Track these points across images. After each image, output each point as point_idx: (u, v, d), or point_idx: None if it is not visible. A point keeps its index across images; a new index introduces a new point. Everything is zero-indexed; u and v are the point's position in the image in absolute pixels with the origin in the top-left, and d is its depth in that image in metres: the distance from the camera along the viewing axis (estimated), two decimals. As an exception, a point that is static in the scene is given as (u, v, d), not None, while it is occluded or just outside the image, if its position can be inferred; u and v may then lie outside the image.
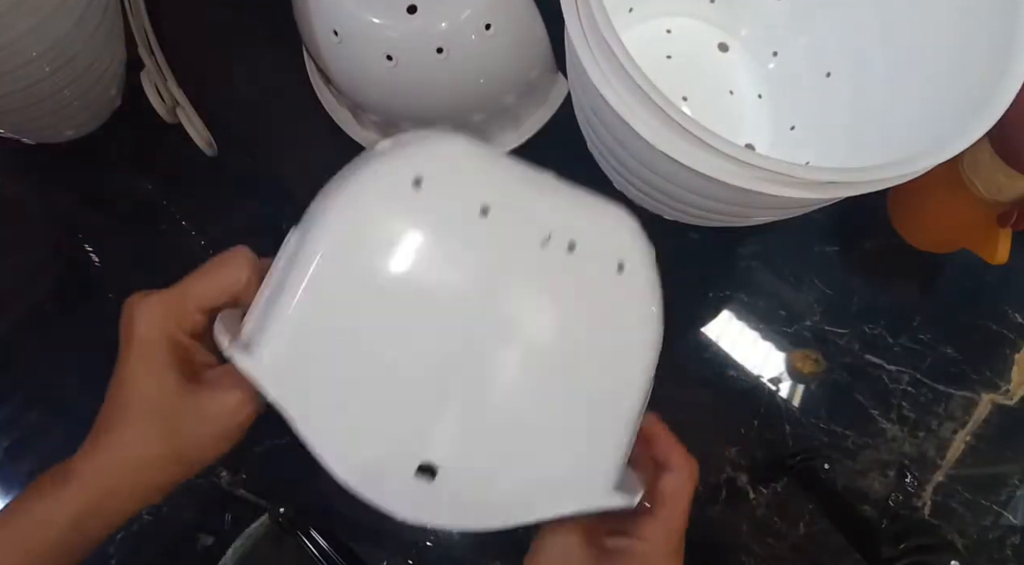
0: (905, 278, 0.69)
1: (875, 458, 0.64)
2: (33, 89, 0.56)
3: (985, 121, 0.42)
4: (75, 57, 0.56)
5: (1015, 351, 0.66)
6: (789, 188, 0.42)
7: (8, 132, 0.63)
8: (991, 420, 0.65)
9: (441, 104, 0.58)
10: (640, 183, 0.51)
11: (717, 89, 0.68)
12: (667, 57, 0.68)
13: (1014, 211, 0.55)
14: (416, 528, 0.61)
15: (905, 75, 0.54)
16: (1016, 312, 0.67)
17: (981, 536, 0.63)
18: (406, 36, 0.53)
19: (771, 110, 0.67)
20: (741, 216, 0.51)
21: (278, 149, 0.65)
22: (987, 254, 0.59)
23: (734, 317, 0.67)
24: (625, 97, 0.43)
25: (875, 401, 0.65)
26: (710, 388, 0.65)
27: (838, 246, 0.68)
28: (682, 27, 0.69)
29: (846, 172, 0.41)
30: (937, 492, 0.64)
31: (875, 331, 0.66)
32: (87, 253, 0.65)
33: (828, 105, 0.62)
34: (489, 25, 0.53)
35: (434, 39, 0.53)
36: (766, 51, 0.68)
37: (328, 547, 0.58)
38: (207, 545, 0.61)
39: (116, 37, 0.63)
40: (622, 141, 0.47)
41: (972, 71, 0.46)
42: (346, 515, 0.62)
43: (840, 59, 0.61)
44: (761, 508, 0.63)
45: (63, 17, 0.53)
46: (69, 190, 0.67)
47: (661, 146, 0.42)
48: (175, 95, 0.67)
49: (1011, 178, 0.54)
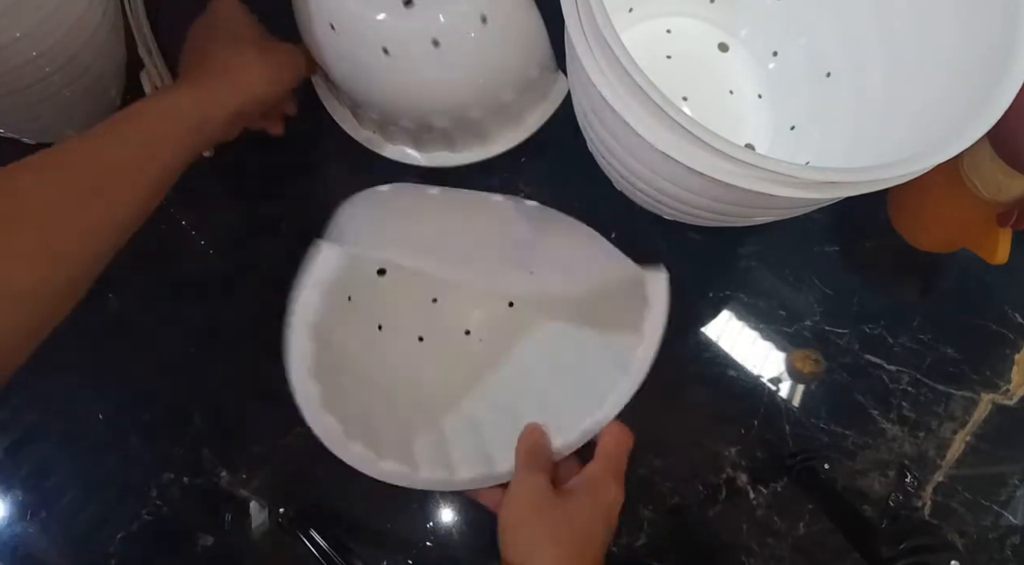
0: (905, 278, 0.69)
1: (875, 458, 0.64)
2: (33, 89, 0.55)
3: (985, 121, 0.42)
4: (75, 57, 0.56)
5: (1015, 351, 0.66)
6: (789, 188, 0.42)
7: (8, 132, 0.63)
8: (991, 420, 0.65)
9: (438, 99, 0.58)
10: (640, 183, 0.51)
11: (717, 89, 0.68)
12: (667, 57, 0.68)
13: (1014, 211, 0.55)
14: (416, 528, 0.61)
15: (905, 75, 0.54)
16: (1016, 312, 0.67)
17: (981, 536, 0.63)
18: (402, 29, 0.53)
19: (771, 110, 0.67)
20: (741, 216, 0.51)
21: (278, 149, 0.65)
22: (987, 254, 0.59)
23: (734, 317, 0.67)
24: (625, 97, 0.43)
25: (875, 401, 0.65)
26: (710, 388, 0.65)
27: (838, 246, 0.68)
28: (682, 27, 0.69)
29: (846, 172, 0.41)
30: (937, 492, 0.64)
31: (875, 331, 0.66)
32: (87, 253, 0.65)
33: (828, 105, 0.62)
34: (486, 18, 0.53)
35: (430, 32, 0.53)
36: (766, 51, 0.68)
37: (328, 547, 0.58)
38: (207, 545, 0.61)
39: (116, 37, 0.63)
40: (622, 141, 0.47)
41: (972, 71, 0.46)
42: (346, 515, 0.62)
43: (840, 59, 0.61)
44: (761, 508, 0.63)
45: (63, 17, 0.53)
46: (69, 190, 0.67)
47: (661, 146, 0.42)
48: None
49: (1011, 178, 0.54)
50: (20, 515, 0.61)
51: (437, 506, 0.62)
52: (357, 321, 0.60)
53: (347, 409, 0.53)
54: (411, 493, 0.61)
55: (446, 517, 0.62)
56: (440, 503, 0.62)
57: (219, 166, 0.66)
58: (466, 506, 0.62)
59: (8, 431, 0.62)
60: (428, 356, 0.63)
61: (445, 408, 0.60)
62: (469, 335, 0.64)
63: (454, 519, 0.62)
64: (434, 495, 0.62)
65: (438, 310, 0.64)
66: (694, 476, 0.63)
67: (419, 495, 0.62)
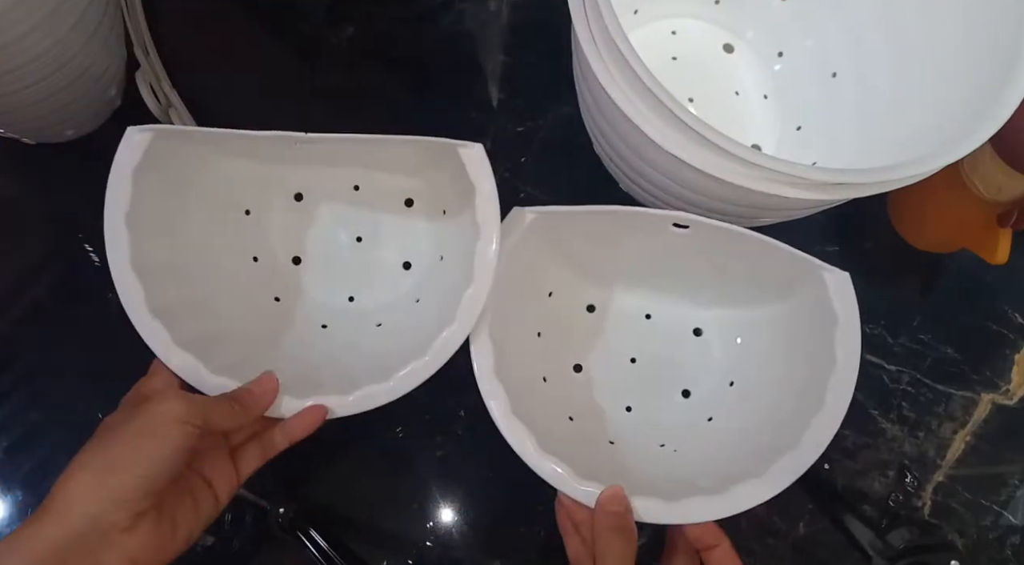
0: (905, 278, 0.69)
1: (875, 458, 0.64)
2: (33, 89, 0.55)
3: (992, 122, 0.42)
4: (75, 57, 0.56)
5: (1015, 351, 0.67)
6: (797, 189, 0.42)
7: (8, 132, 0.63)
8: (991, 420, 0.65)
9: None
10: (647, 184, 0.51)
11: (723, 90, 0.68)
12: (672, 58, 0.68)
13: (1014, 211, 0.55)
14: (416, 528, 0.61)
15: (911, 76, 0.55)
16: (1016, 312, 0.67)
17: (981, 536, 0.63)
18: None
19: (777, 111, 0.67)
20: (748, 217, 0.51)
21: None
22: (987, 254, 0.59)
23: (735, 317, 0.67)
24: (633, 98, 0.43)
25: (875, 401, 0.65)
26: (711, 388, 0.65)
27: (838, 246, 0.68)
28: (687, 28, 0.69)
29: (855, 173, 0.41)
30: (937, 492, 0.64)
31: (875, 331, 0.66)
32: (87, 253, 0.65)
33: (834, 105, 0.62)
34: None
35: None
36: (772, 52, 0.68)
37: (328, 547, 0.57)
38: (207, 545, 0.61)
39: (116, 37, 0.62)
40: (629, 142, 0.47)
41: (978, 72, 0.47)
42: (346, 515, 0.62)
43: (846, 59, 0.62)
44: (761, 508, 0.63)
45: (63, 17, 0.52)
46: (69, 190, 0.66)
47: (669, 147, 0.42)
48: (168, 95, 0.66)
49: (1011, 178, 0.54)
50: (20, 515, 0.60)
51: (437, 506, 0.62)
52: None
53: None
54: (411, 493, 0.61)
55: (446, 517, 0.62)
56: (440, 503, 0.62)
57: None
58: (466, 506, 0.62)
59: (8, 431, 0.61)
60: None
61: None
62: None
63: (454, 519, 0.62)
64: (434, 495, 0.62)
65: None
66: (695, 476, 0.63)
67: (419, 495, 0.62)
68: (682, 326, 0.62)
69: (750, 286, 0.58)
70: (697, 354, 0.61)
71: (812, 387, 0.50)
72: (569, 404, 0.58)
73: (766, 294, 0.57)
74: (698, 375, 0.61)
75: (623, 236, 0.58)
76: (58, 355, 0.63)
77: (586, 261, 0.61)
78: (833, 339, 0.49)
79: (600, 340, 0.62)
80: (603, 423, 0.59)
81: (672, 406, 0.60)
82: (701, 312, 0.62)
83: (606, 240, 0.59)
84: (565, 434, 0.54)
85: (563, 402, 0.58)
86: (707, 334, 0.62)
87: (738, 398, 0.58)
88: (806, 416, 0.49)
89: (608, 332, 0.63)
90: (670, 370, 0.61)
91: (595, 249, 0.59)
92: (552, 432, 0.50)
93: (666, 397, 0.61)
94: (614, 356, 0.62)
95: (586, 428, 0.58)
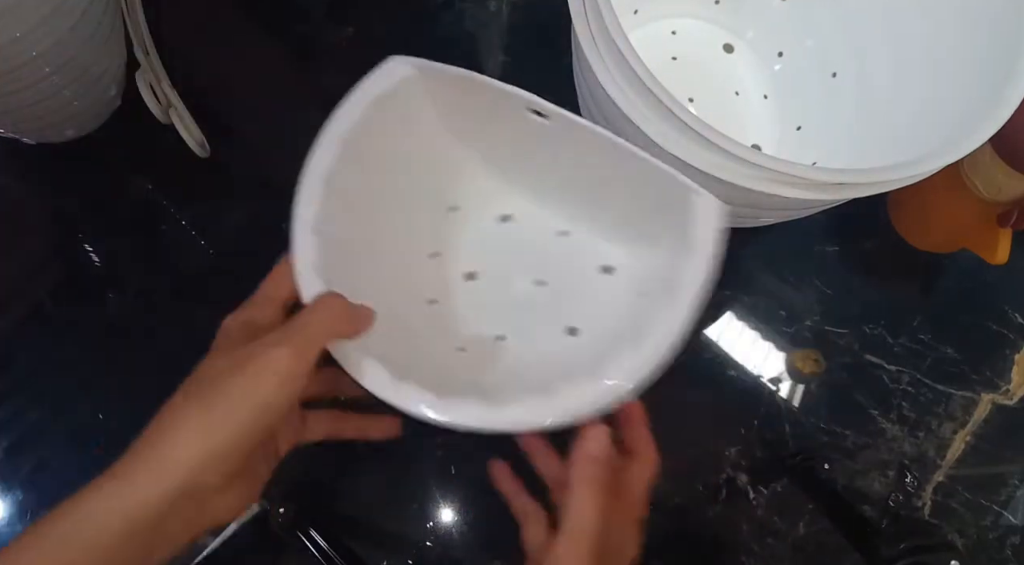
0: (905, 278, 0.69)
1: (875, 458, 0.64)
2: (33, 89, 0.55)
3: (992, 122, 0.42)
4: (75, 57, 0.56)
5: (1015, 351, 0.67)
6: (797, 189, 0.42)
7: (8, 132, 0.63)
8: (991, 420, 0.65)
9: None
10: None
11: (723, 90, 0.68)
12: (672, 58, 0.68)
13: (1014, 211, 0.55)
14: (416, 528, 0.61)
15: (911, 76, 0.55)
16: (1016, 312, 0.67)
17: (981, 536, 0.63)
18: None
19: (777, 110, 0.68)
20: (748, 217, 0.51)
21: (277, 149, 0.65)
22: (987, 254, 0.59)
23: (734, 317, 0.67)
24: (633, 98, 0.43)
25: (875, 401, 0.65)
26: (710, 388, 0.65)
27: (838, 246, 0.68)
28: (687, 28, 0.69)
29: (855, 173, 0.41)
30: (937, 492, 0.64)
31: (875, 331, 0.66)
32: (87, 253, 0.65)
33: (834, 105, 0.62)
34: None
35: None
36: (772, 52, 0.68)
37: (328, 547, 0.57)
38: (207, 545, 0.61)
39: (116, 37, 0.62)
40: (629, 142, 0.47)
41: (978, 72, 0.47)
42: (346, 515, 0.62)
43: (846, 60, 0.62)
44: (761, 508, 0.63)
45: (63, 17, 0.53)
46: (69, 190, 0.66)
47: (668, 147, 0.42)
48: (168, 95, 0.66)
49: (1011, 178, 0.54)
50: (20, 515, 0.60)
51: (437, 506, 0.62)
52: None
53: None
54: (411, 493, 0.61)
55: (446, 517, 0.62)
56: (440, 503, 0.62)
57: (219, 166, 0.66)
58: (466, 506, 0.62)
59: (8, 431, 0.61)
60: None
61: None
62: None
63: (454, 519, 0.62)
64: (434, 495, 0.62)
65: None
66: (694, 476, 0.63)
67: (419, 495, 0.62)
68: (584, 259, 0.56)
69: (634, 210, 0.52)
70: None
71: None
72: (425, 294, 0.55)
73: (651, 226, 0.51)
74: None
75: (488, 121, 0.54)
76: (58, 355, 0.63)
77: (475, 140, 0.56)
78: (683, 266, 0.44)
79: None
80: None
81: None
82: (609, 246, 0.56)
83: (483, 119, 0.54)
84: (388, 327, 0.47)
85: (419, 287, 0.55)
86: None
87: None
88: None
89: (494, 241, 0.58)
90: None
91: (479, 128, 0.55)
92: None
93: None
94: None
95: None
